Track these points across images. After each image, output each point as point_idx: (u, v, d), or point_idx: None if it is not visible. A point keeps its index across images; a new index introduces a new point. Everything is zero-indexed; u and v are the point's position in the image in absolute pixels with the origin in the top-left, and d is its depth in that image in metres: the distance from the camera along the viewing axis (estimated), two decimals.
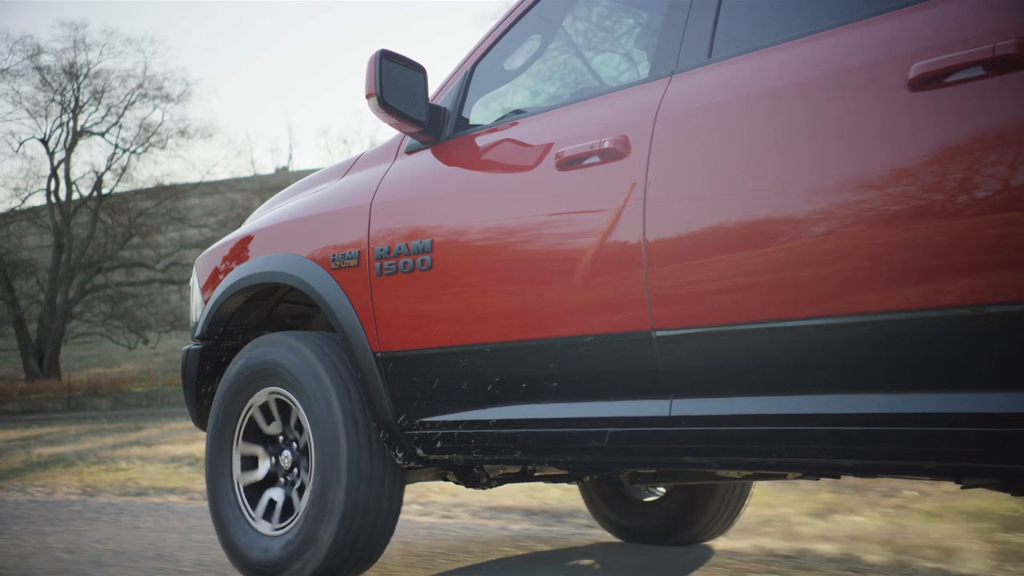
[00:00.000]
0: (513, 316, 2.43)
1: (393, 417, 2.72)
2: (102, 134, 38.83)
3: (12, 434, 14.09)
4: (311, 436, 2.80)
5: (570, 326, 2.32)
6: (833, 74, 1.94)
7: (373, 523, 2.77)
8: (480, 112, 2.78)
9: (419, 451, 2.72)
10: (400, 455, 2.76)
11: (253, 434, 3.04)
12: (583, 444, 2.34)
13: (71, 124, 38.34)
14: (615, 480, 3.22)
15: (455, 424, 2.59)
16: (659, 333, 2.15)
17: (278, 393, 2.94)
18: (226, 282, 3.18)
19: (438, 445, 2.65)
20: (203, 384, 3.31)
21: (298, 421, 2.92)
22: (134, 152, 38.80)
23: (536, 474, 3.11)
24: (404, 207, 2.74)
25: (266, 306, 3.28)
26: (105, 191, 38.41)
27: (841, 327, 1.87)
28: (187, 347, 3.38)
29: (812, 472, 2.23)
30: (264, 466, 3.01)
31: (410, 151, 2.84)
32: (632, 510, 3.73)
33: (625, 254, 2.20)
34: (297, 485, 2.93)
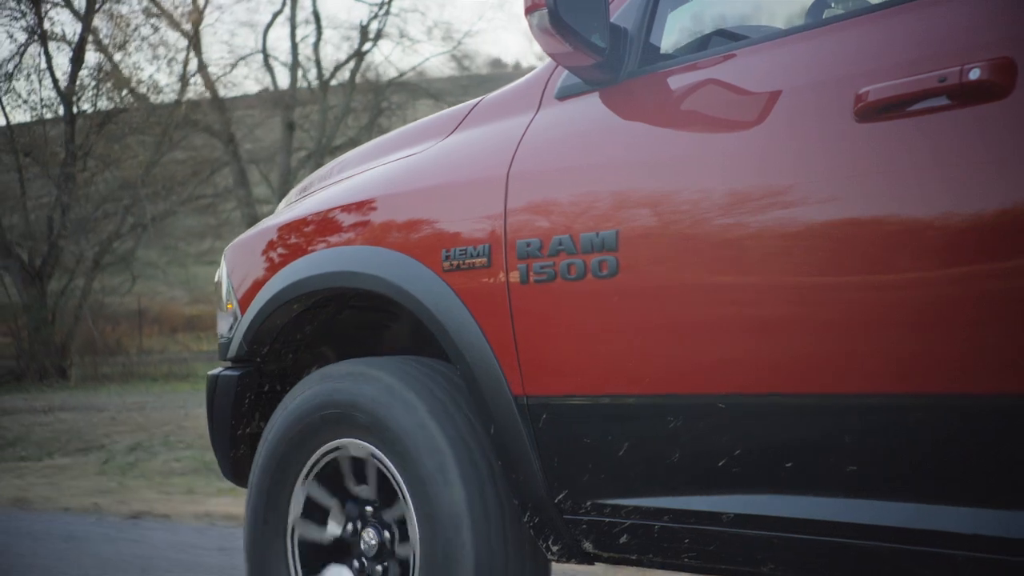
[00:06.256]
0: (772, 354, 1.53)
1: (547, 493, 1.82)
2: None
3: None
4: (415, 518, 1.90)
5: (891, 377, 1.42)
6: None
7: None
8: (672, 38, 1.86)
9: (586, 544, 1.82)
10: (555, 548, 1.87)
11: (314, 511, 2.14)
12: (904, 570, 1.46)
13: None
14: None
15: (658, 513, 1.69)
16: None
17: (363, 449, 2.03)
18: (275, 285, 2.25)
19: (622, 540, 1.76)
20: (240, 423, 2.39)
21: (382, 483, 2.03)
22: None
23: None
24: (564, 180, 1.81)
25: (326, 315, 2.36)
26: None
27: None
28: (214, 372, 2.45)
29: None
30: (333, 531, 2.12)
31: (564, 96, 1.90)
32: None
33: (1018, 255, 1.31)
34: None
